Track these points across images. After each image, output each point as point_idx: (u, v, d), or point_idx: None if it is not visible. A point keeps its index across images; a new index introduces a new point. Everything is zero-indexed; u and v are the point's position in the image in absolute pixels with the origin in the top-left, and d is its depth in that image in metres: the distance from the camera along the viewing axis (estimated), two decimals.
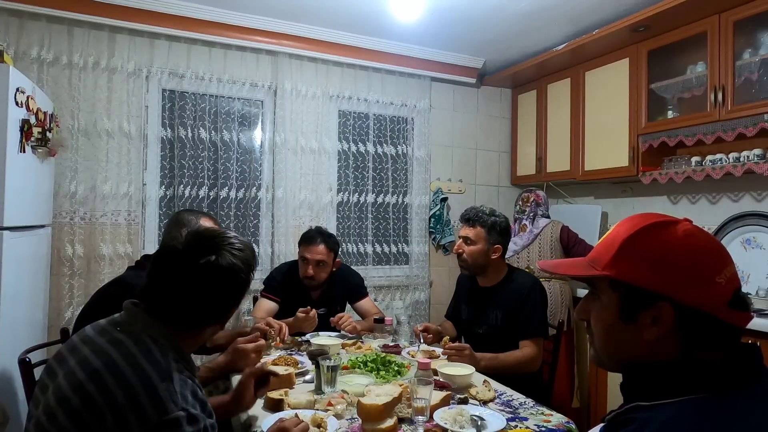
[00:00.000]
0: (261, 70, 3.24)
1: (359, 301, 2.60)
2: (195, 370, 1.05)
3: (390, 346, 2.06)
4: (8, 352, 1.83)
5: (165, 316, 1.02)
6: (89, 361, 0.92)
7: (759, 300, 2.40)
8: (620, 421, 0.71)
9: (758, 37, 2.43)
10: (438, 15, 2.99)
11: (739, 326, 0.72)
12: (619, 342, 0.78)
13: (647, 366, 0.75)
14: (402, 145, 3.71)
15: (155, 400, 0.87)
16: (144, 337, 0.97)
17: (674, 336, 0.73)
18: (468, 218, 2.20)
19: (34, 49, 2.70)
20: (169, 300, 1.03)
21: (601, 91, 3.22)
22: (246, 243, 1.13)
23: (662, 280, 0.72)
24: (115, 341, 0.95)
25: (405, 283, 3.66)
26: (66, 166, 2.76)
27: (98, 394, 0.87)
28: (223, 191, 3.15)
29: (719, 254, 0.74)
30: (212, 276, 1.03)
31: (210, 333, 1.10)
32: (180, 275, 1.03)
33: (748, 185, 2.71)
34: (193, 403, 0.94)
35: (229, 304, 1.09)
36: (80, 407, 0.87)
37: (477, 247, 2.14)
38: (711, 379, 0.69)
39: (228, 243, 1.08)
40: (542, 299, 2.12)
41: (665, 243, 0.74)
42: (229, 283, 1.05)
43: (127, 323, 1.00)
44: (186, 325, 1.04)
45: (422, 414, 1.32)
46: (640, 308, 0.74)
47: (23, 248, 2.13)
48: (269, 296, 2.47)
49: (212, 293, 1.03)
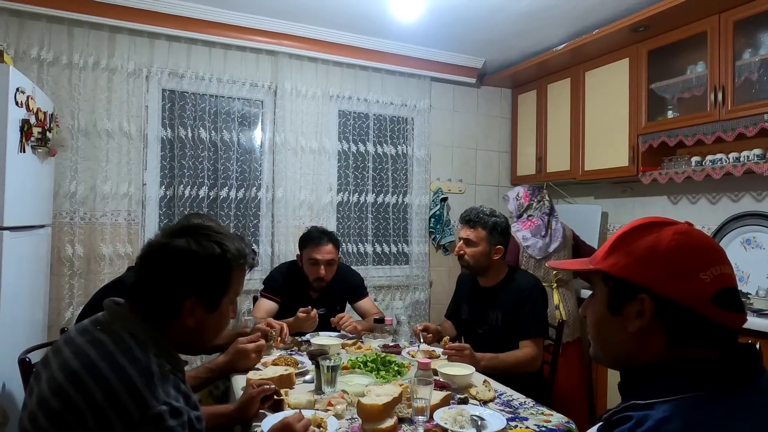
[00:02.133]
0: (261, 70, 3.24)
1: (359, 300, 2.60)
2: (179, 364, 1.04)
3: (390, 346, 2.06)
4: (8, 352, 1.83)
5: (146, 310, 1.01)
6: (68, 363, 0.92)
7: (759, 300, 2.40)
8: (617, 419, 0.72)
9: (758, 37, 2.43)
10: (438, 15, 2.99)
11: (726, 324, 0.73)
12: (608, 334, 0.82)
13: (639, 364, 0.76)
14: (402, 145, 3.71)
15: (136, 398, 0.87)
16: (124, 335, 0.96)
17: (658, 330, 0.75)
18: (469, 219, 2.19)
19: (34, 49, 2.70)
20: (146, 289, 1.02)
21: (601, 91, 3.22)
22: (230, 233, 1.12)
23: (645, 273, 0.75)
24: (95, 341, 0.95)
25: (405, 283, 3.66)
26: (66, 166, 2.76)
27: (78, 395, 0.87)
28: (223, 191, 3.15)
29: (709, 253, 0.75)
30: (181, 256, 1.02)
31: (195, 319, 1.03)
32: (153, 261, 1.04)
33: (748, 185, 2.71)
34: (176, 396, 0.93)
35: (206, 285, 1.04)
36: (61, 410, 0.87)
37: (479, 249, 2.14)
38: (707, 378, 0.70)
39: (204, 229, 1.07)
40: (543, 299, 2.12)
41: (653, 239, 0.77)
42: (200, 263, 1.02)
43: (108, 322, 0.99)
44: (164, 312, 1.02)
45: (422, 414, 1.32)
46: (625, 300, 0.77)
47: (23, 248, 2.13)
48: (269, 296, 2.46)
49: (181, 273, 1.02)
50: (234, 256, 1.07)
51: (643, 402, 0.70)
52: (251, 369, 1.74)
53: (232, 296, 1.11)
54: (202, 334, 1.08)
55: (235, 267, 1.08)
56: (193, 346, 1.11)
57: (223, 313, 1.09)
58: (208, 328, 1.08)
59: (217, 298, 1.07)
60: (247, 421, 1.40)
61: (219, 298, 1.07)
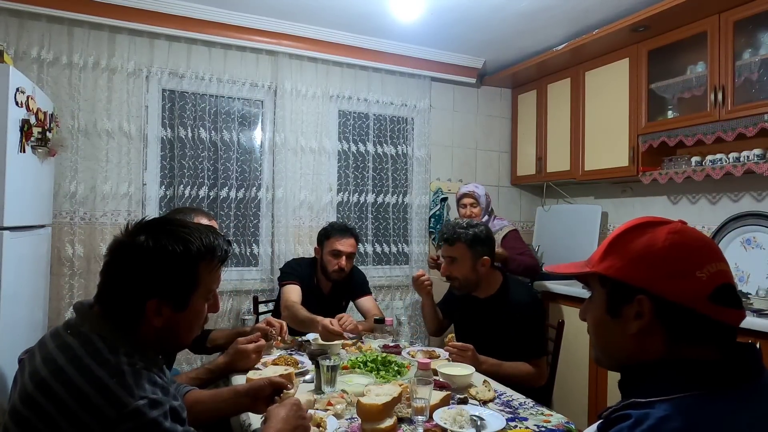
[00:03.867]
0: (261, 70, 3.24)
1: (362, 297, 2.61)
2: (154, 360, 1.00)
3: (390, 346, 2.06)
4: (8, 352, 1.83)
5: (111, 311, 0.98)
6: (38, 370, 0.90)
7: (759, 300, 2.40)
8: (616, 417, 0.72)
9: (758, 37, 2.43)
10: (438, 15, 2.99)
11: (724, 322, 0.74)
12: (608, 337, 0.82)
13: (640, 363, 0.76)
14: (402, 145, 3.71)
15: (108, 398, 0.86)
16: (92, 337, 0.94)
17: (657, 330, 0.75)
18: (446, 237, 2.08)
19: (34, 49, 2.71)
20: (108, 289, 0.99)
21: (601, 91, 3.22)
22: (199, 225, 1.07)
23: (642, 274, 0.75)
24: (64, 346, 0.93)
25: (405, 283, 3.65)
26: (66, 166, 2.77)
27: (48, 403, 0.86)
28: (223, 191, 3.15)
29: (704, 251, 0.75)
30: (138, 255, 0.98)
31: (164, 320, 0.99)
32: (113, 260, 1.00)
33: (748, 185, 2.71)
34: (153, 390, 0.92)
35: (167, 284, 0.99)
36: (32, 419, 0.86)
37: (464, 265, 2.06)
38: (707, 377, 0.70)
39: (168, 224, 1.03)
40: (542, 316, 2.10)
41: (648, 240, 0.77)
42: (158, 261, 0.98)
43: (78, 324, 0.97)
44: (128, 314, 0.98)
45: (422, 414, 1.32)
46: (624, 302, 0.77)
47: (23, 248, 2.13)
48: (292, 282, 2.47)
49: (138, 272, 0.98)
50: (200, 251, 1.02)
51: (644, 400, 0.70)
52: (251, 369, 1.74)
53: (203, 292, 1.05)
54: (175, 333, 1.03)
55: (201, 262, 1.03)
56: (169, 345, 1.06)
57: (195, 310, 1.04)
58: (181, 326, 1.03)
59: (184, 296, 1.01)
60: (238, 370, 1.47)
61: (187, 296, 1.01)
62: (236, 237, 3.20)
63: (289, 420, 1.13)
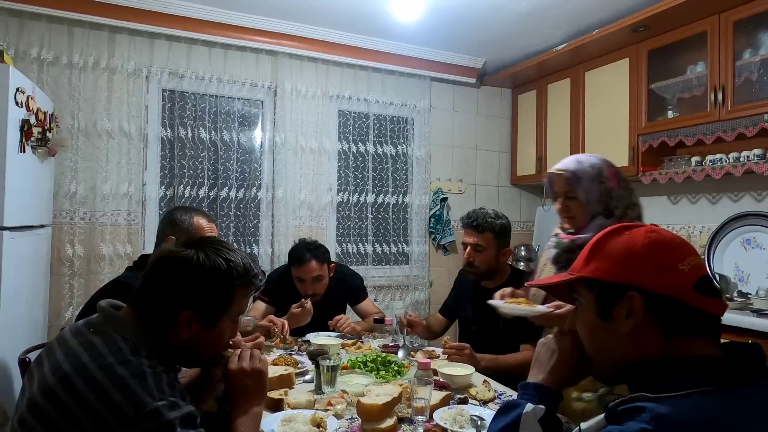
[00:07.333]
0: (261, 70, 3.24)
1: (360, 303, 2.58)
2: (172, 366, 1.03)
3: (390, 346, 2.06)
4: (8, 352, 1.84)
5: (145, 315, 1.02)
6: (60, 365, 0.92)
7: (759, 300, 2.40)
8: (623, 411, 0.72)
9: (758, 37, 2.43)
10: (438, 15, 2.99)
11: (710, 311, 0.76)
12: (602, 341, 0.83)
13: (643, 362, 0.76)
14: (402, 145, 3.71)
15: (129, 397, 0.88)
16: (116, 338, 0.96)
17: (650, 326, 0.76)
18: (476, 224, 2.10)
19: (34, 49, 2.70)
20: (148, 294, 1.03)
21: (601, 91, 3.22)
22: (241, 251, 1.11)
23: (628, 271, 0.77)
24: (87, 343, 0.95)
25: (405, 283, 3.66)
26: (66, 166, 2.76)
27: (69, 399, 0.87)
28: (223, 191, 3.15)
29: (681, 246, 0.79)
30: (186, 266, 1.02)
31: (191, 332, 1.02)
32: (159, 268, 1.04)
33: (748, 185, 2.71)
34: (171, 393, 0.93)
35: (206, 299, 1.03)
36: (52, 413, 0.87)
37: (489, 254, 2.10)
38: (715, 375, 0.71)
39: (216, 244, 1.08)
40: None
41: (628, 240, 0.80)
42: (204, 275, 1.02)
43: (101, 324, 1.00)
44: (161, 320, 1.02)
45: (422, 414, 1.32)
46: (613, 302, 0.78)
47: (23, 248, 2.13)
48: (262, 298, 2.44)
49: (183, 283, 1.02)
50: (240, 274, 1.06)
51: (652, 396, 0.70)
52: None
53: (233, 314, 1.09)
54: (196, 348, 1.06)
55: (239, 285, 1.06)
56: (186, 358, 1.09)
57: (221, 331, 1.08)
58: (203, 344, 1.06)
59: (216, 314, 1.05)
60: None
61: (218, 315, 1.05)
62: (236, 237, 3.19)
63: (244, 374, 1.12)
